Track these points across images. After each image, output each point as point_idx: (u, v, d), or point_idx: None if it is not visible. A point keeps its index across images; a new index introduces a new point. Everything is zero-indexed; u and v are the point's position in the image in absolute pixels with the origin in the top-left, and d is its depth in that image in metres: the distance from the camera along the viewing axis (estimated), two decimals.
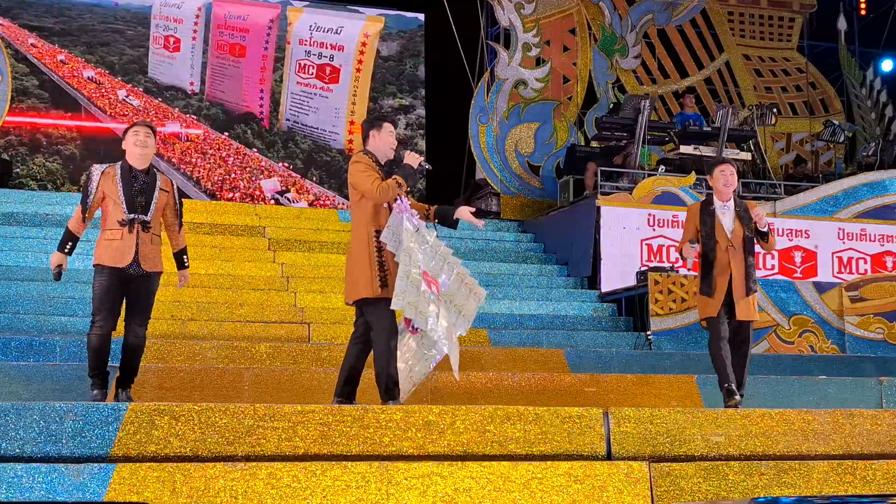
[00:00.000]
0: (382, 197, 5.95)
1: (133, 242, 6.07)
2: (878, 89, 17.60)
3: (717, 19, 17.35)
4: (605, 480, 5.16)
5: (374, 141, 6.19)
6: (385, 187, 5.93)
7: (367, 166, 6.03)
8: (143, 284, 6.16)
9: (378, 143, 6.18)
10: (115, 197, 6.10)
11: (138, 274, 6.11)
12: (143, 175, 6.20)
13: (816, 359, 9.71)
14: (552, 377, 7.72)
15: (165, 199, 6.27)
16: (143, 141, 6.19)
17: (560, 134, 15.18)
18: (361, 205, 6.05)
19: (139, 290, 6.16)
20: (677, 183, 12.36)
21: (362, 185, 5.99)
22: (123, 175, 6.16)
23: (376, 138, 6.19)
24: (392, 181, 5.98)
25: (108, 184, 6.12)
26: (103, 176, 6.15)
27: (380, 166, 6.11)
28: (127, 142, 6.23)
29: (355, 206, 6.11)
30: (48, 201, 11.51)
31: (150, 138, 6.24)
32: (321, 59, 15.16)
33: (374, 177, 5.96)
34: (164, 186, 6.29)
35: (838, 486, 5.51)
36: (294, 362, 7.89)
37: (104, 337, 6.07)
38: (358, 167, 6.05)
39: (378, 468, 4.89)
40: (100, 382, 6.12)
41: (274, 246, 11.36)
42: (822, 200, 12.90)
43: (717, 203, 7.02)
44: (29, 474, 4.47)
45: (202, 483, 4.64)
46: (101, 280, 6.10)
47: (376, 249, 5.94)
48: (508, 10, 15.26)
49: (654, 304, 10.12)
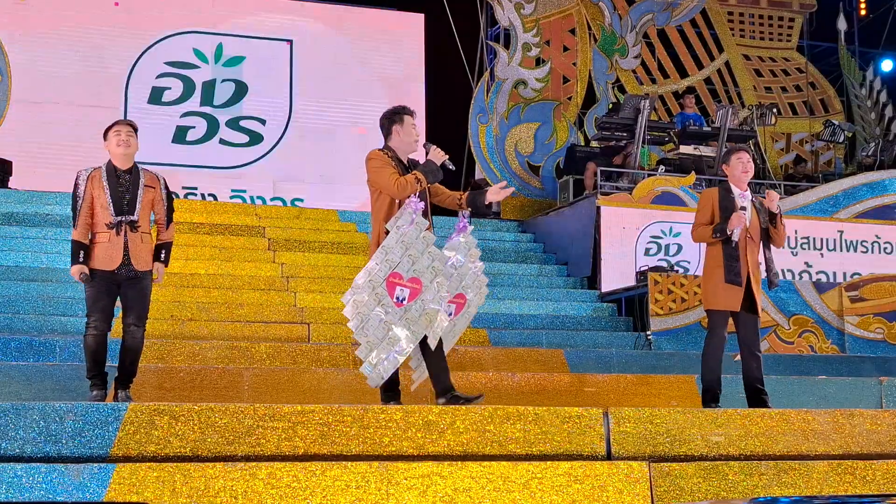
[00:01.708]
0: (401, 193, 5.87)
1: (121, 244, 6.07)
2: (877, 89, 17.60)
3: (717, 19, 17.35)
4: (605, 480, 5.16)
5: (398, 137, 6.09)
6: (403, 183, 5.86)
7: (382, 162, 5.96)
8: (136, 285, 6.14)
9: (402, 138, 6.09)
10: (102, 200, 6.09)
11: (129, 275, 6.09)
12: (127, 174, 6.18)
13: (816, 359, 9.71)
14: (552, 377, 7.72)
15: (151, 195, 6.22)
16: (126, 140, 6.16)
17: (560, 134, 15.18)
18: (378, 201, 6.00)
19: (132, 292, 6.14)
20: (677, 183, 12.36)
21: (380, 181, 5.94)
22: (109, 177, 6.14)
23: (400, 133, 6.09)
24: (411, 177, 5.89)
25: (94, 187, 6.11)
26: (89, 180, 6.14)
27: (399, 162, 6.03)
28: (109, 142, 6.20)
29: (372, 203, 6.06)
30: (48, 201, 11.51)
31: (133, 137, 6.21)
32: None
33: (390, 172, 5.90)
34: (150, 183, 6.25)
35: (838, 486, 5.51)
36: (294, 362, 7.89)
37: (99, 338, 6.06)
38: (372, 164, 5.99)
39: (378, 468, 4.89)
40: (99, 383, 6.10)
41: (274, 246, 11.36)
42: (822, 200, 12.90)
43: (736, 191, 6.82)
44: (29, 474, 4.47)
45: (202, 483, 4.64)
46: (92, 283, 6.08)
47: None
48: (508, 10, 15.26)
49: (654, 304, 10.12)
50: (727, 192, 6.83)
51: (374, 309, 5.67)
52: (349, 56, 15.36)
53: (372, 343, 5.68)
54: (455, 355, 8.18)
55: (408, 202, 5.84)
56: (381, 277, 5.71)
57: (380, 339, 5.68)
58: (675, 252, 12.10)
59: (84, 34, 14.33)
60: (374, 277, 5.70)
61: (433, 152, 6.03)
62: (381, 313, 5.68)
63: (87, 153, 13.03)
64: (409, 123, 6.12)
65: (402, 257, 5.74)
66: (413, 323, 5.72)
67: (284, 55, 15.21)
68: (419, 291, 5.76)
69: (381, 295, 5.68)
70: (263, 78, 15.02)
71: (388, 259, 5.73)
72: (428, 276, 5.78)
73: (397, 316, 5.69)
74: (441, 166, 6.10)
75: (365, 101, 15.09)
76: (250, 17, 15.11)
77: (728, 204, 6.74)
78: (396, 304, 5.71)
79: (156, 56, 14.68)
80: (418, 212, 5.84)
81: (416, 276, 5.76)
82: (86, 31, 14.33)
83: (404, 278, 5.75)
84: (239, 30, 15.04)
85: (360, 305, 5.68)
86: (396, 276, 5.73)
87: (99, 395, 6.07)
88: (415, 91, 15.29)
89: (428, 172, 5.95)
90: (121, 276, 6.09)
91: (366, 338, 5.68)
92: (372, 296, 5.68)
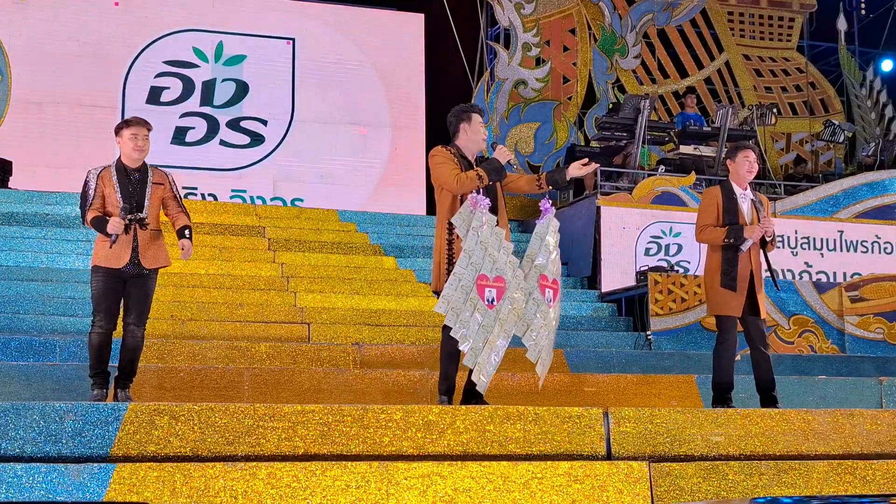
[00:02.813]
0: (462, 188, 5.86)
1: (130, 243, 6.08)
2: (878, 89, 17.61)
3: (717, 19, 17.36)
4: (605, 480, 5.16)
5: (465, 135, 6.10)
6: (463, 178, 5.86)
7: (444, 158, 5.98)
8: (140, 284, 6.16)
9: (469, 136, 6.10)
10: (112, 199, 6.10)
11: (135, 273, 6.10)
12: (136, 172, 6.20)
13: (816, 359, 9.71)
14: (552, 377, 7.70)
15: (161, 193, 6.24)
16: (142, 146, 6.18)
17: (560, 134, 15.19)
18: (441, 197, 6.01)
19: (136, 290, 6.16)
20: (677, 183, 12.36)
21: (441, 176, 5.94)
22: (119, 176, 6.15)
23: (467, 132, 6.10)
24: (473, 173, 5.89)
25: (105, 185, 6.12)
26: (100, 179, 6.15)
27: (463, 159, 6.02)
28: (124, 142, 6.20)
29: (437, 199, 6.07)
30: (48, 201, 11.50)
31: (148, 141, 6.23)
32: None
33: (451, 167, 5.91)
34: (158, 180, 6.27)
35: (838, 486, 5.51)
36: (294, 362, 7.89)
37: (104, 336, 6.08)
38: (435, 160, 6.01)
39: (378, 468, 4.89)
40: (101, 382, 6.12)
41: (274, 246, 11.36)
42: (822, 200, 12.90)
43: (738, 190, 6.69)
44: (29, 474, 4.47)
45: (202, 483, 4.64)
46: (97, 281, 6.10)
47: (447, 243, 5.90)
48: (508, 10, 15.27)
49: (654, 304, 10.12)
50: (729, 191, 6.70)
51: (473, 314, 5.65)
52: (350, 56, 15.35)
53: (476, 350, 5.66)
54: None
55: (471, 198, 5.79)
56: (471, 282, 5.67)
57: (481, 344, 5.66)
58: (675, 252, 12.10)
59: (84, 34, 14.31)
60: (464, 283, 5.66)
61: (499, 151, 6.01)
62: (479, 318, 5.66)
63: (87, 153, 13.07)
64: (476, 121, 6.13)
65: (484, 258, 5.71)
66: (504, 322, 5.71)
67: (287, 54, 15.19)
68: (504, 289, 5.75)
69: (475, 300, 5.66)
70: (265, 77, 14.99)
71: (472, 262, 5.69)
72: (508, 272, 5.75)
73: (492, 318, 5.68)
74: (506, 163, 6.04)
75: (365, 100, 15.10)
76: (251, 15, 15.08)
77: (731, 204, 6.63)
78: (489, 307, 5.69)
79: (155, 55, 14.63)
80: (485, 208, 5.78)
81: (498, 274, 5.74)
82: (85, 30, 14.31)
83: (490, 279, 5.73)
84: (239, 28, 15.01)
85: (456, 311, 5.63)
86: (483, 279, 5.71)
87: (100, 394, 6.09)
88: (415, 91, 15.30)
89: (491, 171, 5.92)
90: (127, 273, 6.10)
91: (468, 344, 5.64)
92: (467, 301, 5.65)
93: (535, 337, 5.88)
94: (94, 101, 14.11)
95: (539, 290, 5.92)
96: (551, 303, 5.97)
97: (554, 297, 6.01)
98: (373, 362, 8.07)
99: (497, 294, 5.73)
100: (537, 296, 5.91)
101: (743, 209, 6.65)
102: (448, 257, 5.87)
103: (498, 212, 5.99)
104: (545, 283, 5.95)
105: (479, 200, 5.78)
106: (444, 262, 5.88)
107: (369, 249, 11.77)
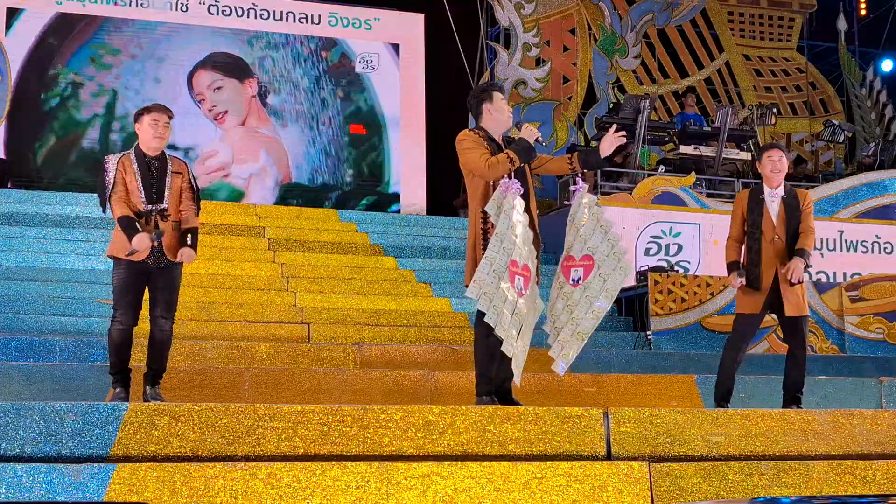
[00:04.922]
0: (493, 173, 5.62)
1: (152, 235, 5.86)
2: (878, 89, 17.62)
3: (717, 19, 17.36)
4: (605, 480, 5.16)
5: (489, 115, 5.81)
6: (495, 162, 5.61)
7: (473, 142, 5.72)
8: (165, 276, 5.94)
9: (493, 116, 5.81)
10: (133, 186, 5.88)
11: (159, 265, 5.90)
12: (156, 161, 5.99)
13: (816, 359, 9.69)
14: (552, 377, 7.70)
15: (179, 182, 6.01)
16: (162, 133, 5.96)
17: (560, 134, 15.19)
18: (473, 184, 5.76)
19: (162, 282, 5.93)
20: (677, 183, 12.36)
21: (471, 162, 5.69)
22: (139, 163, 5.93)
23: (491, 112, 5.81)
24: (503, 156, 5.63)
25: (125, 173, 5.90)
26: (119, 165, 5.92)
27: (491, 141, 5.78)
28: (144, 129, 5.96)
29: (468, 186, 5.83)
30: (48, 201, 11.50)
31: (169, 129, 6.02)
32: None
33: (481, 152, 5.67)
34: (177, 169, 6.05)
35: (838, 486, 5.51)
36: (294, 362, 7.89)
37: (125, 332, 5.87)
38: (463, 145, 5.75)
39: (378, 468, 4.89)
40: (122, 381, 5.94)
41: (274, 246, 11.36)
42: (822, 200, 12.90)
43: (766, 190, 6.67)
44: (29, 474, 4.46)
45: (202, 483, 4.64)
46: (119, 273, 5.88)
47: (482, 231, 5.69)
48: (508, 10, 15.28)
49: (654, 304, 10.11)
50: (758, 192, 6.70)
51: (506, 301, 5.48)
52: (349, 55, 15.35)
53: (511, 338, 5.52)
54: (455, 355, 8.19)
55: (503, 184, 5.62)
56: (503, 266, 5.51)
57: (515, 332, 5.55)
58: (676, 252, 12.10)
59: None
60: (496, 267, 5.48)
61: (525, 130, 5.74)
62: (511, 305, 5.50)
63: (86, 153, 13.09)
64: (498, 99, 5.84)
65: (515, 244, 5.57)
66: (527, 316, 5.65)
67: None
68: (530, 277, 5.70)
69: (508, 288, 5.50)
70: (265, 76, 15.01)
71: (504, 247, 5.52)
72: (530, 262, 5.70)
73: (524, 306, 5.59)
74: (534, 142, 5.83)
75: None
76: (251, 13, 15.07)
77: (755, 206, 6.63)
78: (518, 295, 5.58)
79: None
80: (517, 193, 5.61)
81: (526, 262, 5.65)
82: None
83: (519, 265, 5.61)
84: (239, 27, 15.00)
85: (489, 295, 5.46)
86: (514, 265, 5.57)
87: (122, 393, 5.89)
88: (415, 91, 15.29)
89: (521, 151, 5.65)
90: (148, 266, 5.87)
91: (503, 328, 5.50)
92: (499, 288, 5.46)
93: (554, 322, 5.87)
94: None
95: (562, 272, 5.81)
96: (580, 281, 5.84)
97: (585, 274, 5.85)
98: (373, 362, 8.06)
99: (524, 283, 5.63)
100: (562, 279, 5.83)
101: (771, 210, 6.62)
102: (484, 248, 5.57)
103: (529, 196, 5.82)
104: (570, 263, 5.82)
105: (510, 185, 5.61)
106: (480, 253, 5.59)
107: (369, 249, 11.77)
